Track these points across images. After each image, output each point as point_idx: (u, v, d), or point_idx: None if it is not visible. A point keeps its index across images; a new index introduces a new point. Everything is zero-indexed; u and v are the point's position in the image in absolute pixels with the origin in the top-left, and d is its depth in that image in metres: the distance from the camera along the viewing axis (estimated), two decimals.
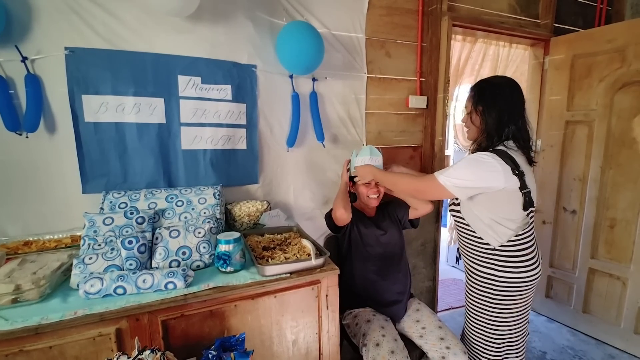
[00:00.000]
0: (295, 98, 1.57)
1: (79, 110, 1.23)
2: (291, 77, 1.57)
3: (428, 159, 1.99)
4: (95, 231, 1.07)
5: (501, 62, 2.26)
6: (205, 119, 1.40)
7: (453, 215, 1.34)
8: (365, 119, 1.82)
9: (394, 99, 1.91)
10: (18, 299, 0.81)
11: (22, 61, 1.15)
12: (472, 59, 2.23)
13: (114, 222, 1.09)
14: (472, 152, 1.21)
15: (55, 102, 1.21)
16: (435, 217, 2.03)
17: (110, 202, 1.20)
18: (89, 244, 1.01)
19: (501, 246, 1.19)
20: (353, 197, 1.56)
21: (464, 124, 1.31)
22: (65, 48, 1.18)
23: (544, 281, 2.33)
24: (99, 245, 1.01)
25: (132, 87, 1.28)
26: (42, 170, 1.23)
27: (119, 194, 1.23)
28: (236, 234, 1.01)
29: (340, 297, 1.10)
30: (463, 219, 1.27)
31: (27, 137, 1.18)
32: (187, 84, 1.36)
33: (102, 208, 1.19)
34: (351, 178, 1.52)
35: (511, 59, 2.25)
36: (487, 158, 1.10)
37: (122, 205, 1.20)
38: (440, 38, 1.88)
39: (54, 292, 0.88)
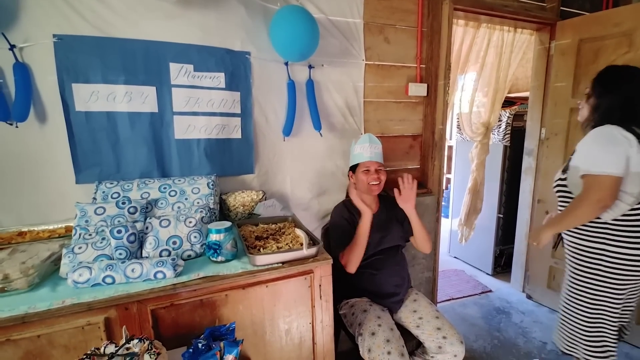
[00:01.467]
0: (291, 86, 1.53)
1: (70, 100, 1.21)
2: (286, 64, 1.53)
3: (428, 148, 1.96)
4: (86, 221, 1.06)
5: (506, 48, 2.19)
6: (199, 108, 1.38)
7: (559, 191, 1.29)
8: (363, 108, 1.78)
9: (393, 87, 1.86)
10: (5, 289, 0.80)
11: (10, 49, 1.12)
12: (477, 45, 2.17)
13: (105, 212, 1.08)
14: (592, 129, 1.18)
15: (45, 91, 1.19)
16: (435, 207, 2.00)
17: (103, 192, 1.19)
18: (80, 234, 1.01)
19: (614, 220, 1.14)
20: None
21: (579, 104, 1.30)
22: (54, 35, 1.16)
23: (545, 272, 2.30)
24: (90, 235, 1.00)
25: (123, 75, 1.25)
26: (34, 160, 1.22)
27: (111, 184, 1.22)
28: (227, 224, 1.00)
29: (336, 287, 1.08)
30: (570, 192, 1.22)
31: (16, 127, 1.17)
32: (179, 72, 1.33)
33: (94, 198, 1.18)
34: (351, 168, 1.49)
35: (516, 45, 2.18)
36: (614, 130, 1.09)
37: (115, 195, 1.19)
38: (442, 23, 1.82)
39: (43, 281, 0.87)
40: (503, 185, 2.69)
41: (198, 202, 1.24)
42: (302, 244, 1.05)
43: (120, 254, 0.92)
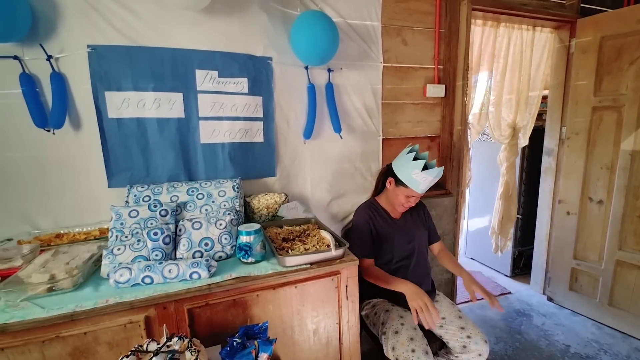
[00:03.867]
0: (311, 89, 1.56)
1: (103, 107, 1.26)
2: (306, 68, 1.56)
3: (446, 149, 1.95)
4: (121, 223, 1.10)
5: (526, 46, 2.15)
6: (223, 113, 1.41)
7: None
8: (381, 109, 1.79)
9: (411, 88, 1.87)
10: (53, 288, 0.85)
11: (47, 59, 1.18)
12: (496, 45, 2.13)
13: (139, 215, 1.12)
14: None
15: (79, 99, 1.25)
16: (454, 208, 1.99)
17: (135, 195, 1.24)
18: (116, 236, 1.05)
19: None
20: (381, 189, 1.53)
21: None
22: (88, 46, 1.21)
23: (567, 273, 2.27)
24: (126, 237, 1.04)
25: (152, 82, 1.30)
26: (69, 165, 1.28)
27: (142, 187, 1.26)
28: (257, 226, 1.02)
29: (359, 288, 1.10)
30: None
31: (53, 134, 1.22)
32: (204, 78, 1.37)
33: (127, 201, 1.23)
34: (395, 178, 1.39)
35: (537, 44, 2.15)
36: None
37: (146, 199, 1.23)
38: (460, 23, 1.82)
39: (86, 281, 0.92)
40: (521, 185, 2.65)
41: (224, 205, 1.27)
42: (328, 246, 1.07)
43: (156, 255, 0.96)
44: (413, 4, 1.79)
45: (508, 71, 2.07)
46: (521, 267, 2.81)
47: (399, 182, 1.39)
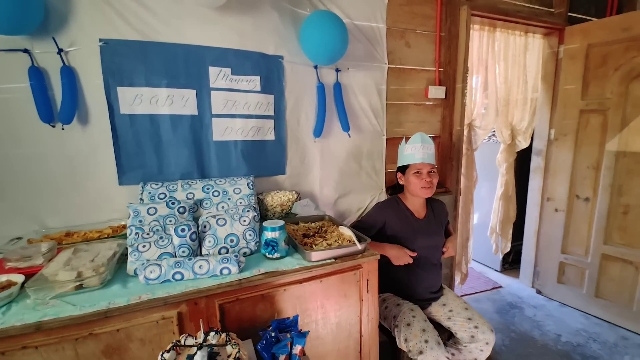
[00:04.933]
0: (321, 89, 1.58)
1: (115, 102, 1.24)
2: (316, 67, 1.58)
3: (447, 149, 2.02)
4: (140, 221, 1.09)
5: (520, 51, 2.24)
6: (236, 110, 1.42)
7: None
8: (385, 110, 1.84)
9: (414, 90, 1.93)
10: (83, 285, 0.83)
11: (58, 53, 1.15)
12: (494, 49, 2.21)
13: (157, 212, 1.11)
14: None
15: (90, 94, 1.22)
16: (453, 205, 2.07)
17: (149, 192, 1.22)
18: (137, 233, 1.03)
19: None
20: (400, 188, 1.55)
21: None
22: (100, 40, 1.19)
23: (555, 267, 2.39)
24: (148, 234, 1.03)
25: (165, 78, 1.29)
26: (77, 162, 1.24)
27: (157, 185, 1.25)
28: (281, 222, 1.04)
29: None
30: None
31: (62, 129, 1.19)
32: (217, 75, 1.37)
33: (141, 199, 1.21)
34: (399, 168, 1.49)
35: (531, 49, 2.25)
36: None
37: (162, 196, 1.22)
38: (459, 27, 1.89)
39: (112, 279, 0.90)
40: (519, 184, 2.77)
41: (240, 202, 1.28)
42: (349, 241, 1.10)
43: (183, 251, 0.95)
44: (416, 7, 1.85)
45: (503, 74, 2.16)
46: (510, 262, 2.93)
47: (403, 169, 1.46)
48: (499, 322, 2.16)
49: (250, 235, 1.06)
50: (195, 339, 0.79)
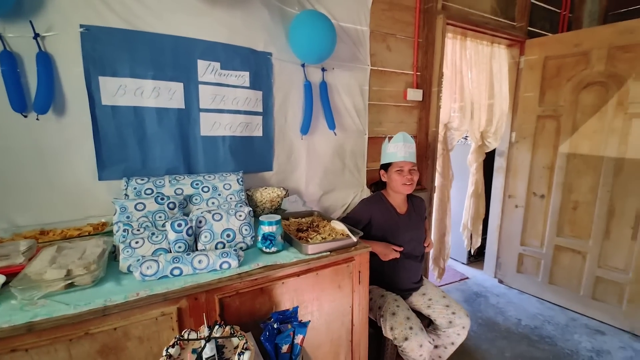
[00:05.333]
0: (308, 87, 1.61)
1: (96, 93, 1.17)
2: (303, 65, 1.60)
3: (423, 149, 2.14)
4: (128, 217, 1.05)
5: (486, 59, 2.42)
6: (224, 105, 1.40)
7: None
8: (367, 110, 1.90)
9: (393, 91, 2.02)
10: (75, 283, 0.79)
11: (34, 38, 1.07)
12: (465, 56, 2.36)
13: (146, 208, 1.08)
14: None
15: (69, 83, 1.14)
16: (429, 202, 2.19)
17: (135, 188, 1.17)
18: (125, 230, 0.99)
19: None
20: (383, 185, 1.62)
21: None
22: (81, 26, 1.12)
23: (515, 258, 2.62)
24: (138, 230, 0.99)
25: (151, 70, 1.24)
26: (52, 155, 1.16)
27: (142, 180, 1.20)
28: (277, 217, 1.05)
29: None
30: None
31: (37, 119, 1.11)
32: (206, 69, 1.34)
33: (126, 194, 1.16)
34: (382, 166, 1.58)
35: (497, 58, 2.43)
36: None
37: (148, 192, 1.17)
38: (436, 35, 2.01)
39: (104, 276, 0.87)
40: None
41: (231, 198, 1.27)
42: (342, 234, 1.14)
43: (179, 247, 0.94)
44: (397, 13, 1.94)
45: (476, 80, 2.32)
46: (475, 255, 3.16)
47: (385, 167, 1.54)
48: (468, 310, 2.32)
49: (246, 230, 1.06)
50: (198, 333, 0.78)
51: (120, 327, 0.77)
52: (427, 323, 1.54)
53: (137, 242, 0.92)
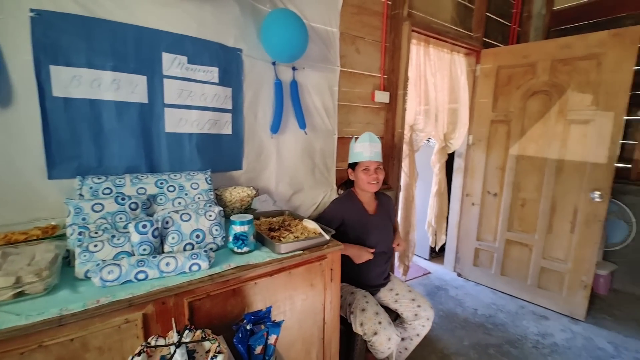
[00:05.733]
0: (279, 85, 1.60)
1: (46, 83, 1.07)
2: (274, 64, 1.59)
3: (389, 149, 2.22)
4: (84, 218, 0.97)
5: (446, 65, 2.57)
6: (192, 101, 1.34)
7: None
8: (337, 110, 1.93)
9: (362, 93, 2.07)
10: (25, 292, 0.72)
11: None
12: (427, 62, 2.49)
13: (104, 209, 1.00)
14: None
15: (15, 72, 1.03)
16: (395, 200, 2.27)
17: (91, 187, 1.09)
18: (81, 232, 0.92)
19: None
20: (351, 184, 1.65)
21: None
22: (31, 10, 1.02)
23: (471, 253, 2.82)
24: (96, 232, 0.92)
25: (111, 60, 1.16)
26: None
27: (99, 179, 1.11)
28: (249, 216, 1.04)
29: None
30: None
31: None
32: (172, 63, 1.28)
33: (81, 194, 1.07)
34: (350, 165, 1.61)
35: (459, 66, 2.58)
36: None
37: (107, 191, 1.09)
38: (402, 40, 2.09)
39: (58, 283, 0.79)
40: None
41: (199, 198, 1.23)
42: (315, 232, 1.15)
43: (144, 249, 0.88)
44: (365, 17, 1.99)
45: (440, 84, 2.44)
46: (437, 251, 3.33)
47: (353, 165, 1.59)
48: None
49: (216, 230, 1.03)
50: (167, 339, 0.75)
51: (78, 338, 0.72)
52: (395, 317, 1.60)
53: (95, 246, 0.85)
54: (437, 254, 3.33)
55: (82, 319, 0.71)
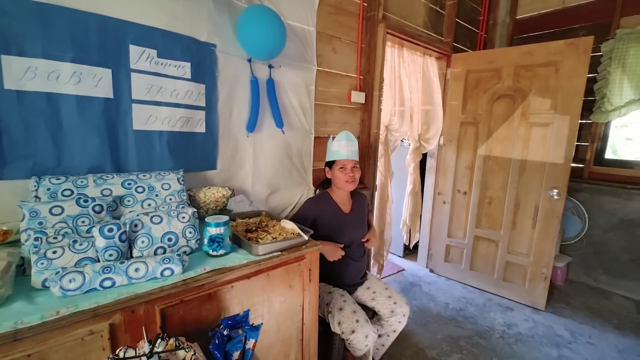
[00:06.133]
0: (255, 83, 1.56)
1: None
2: (250, 61, 1.55)
3: (365, 149, 2.24)
4: (40, 223, 0.89)
5: (419, 68, 2.65)
6: (162, 98, 1.28)
7: None
8: (314, 109, 1.93)
9: (338, 93, 2.08)
10: None
11: None
12: (402, 64, 2.54)
13: (64, 212, 0.93)
14: None
15: None
16: (370, 199, 2.31)
17: (48, 189, 1.00)
18: (37, 238, 0.84)
19: None
20: (328, 182, 1.65)
21: None
22: None
23: (443, 249, 2.92)
24: (55, 238, 0.85)
25: (71, 51, 1.07)
26: None
27: (58, 179, 1.03)
28: (225, 217, 1.00)
29: None
30: None
31: None
32: (140, 56, 1.21)
33: (37, 197, 0.98)
34: (327, 163, 1.60)
35: (429, 68, 2.66)
36: None
37: (67, 193, 1.01)
38: (377, 42, 2.12)
39: (12, 294, 0.72)
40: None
41: (170, 199, 1.17)
42: (293, 233, 1.13)
43: (110, 255, 0.82)
44: (342, 18, 2.00)
45: (415, 86, 2.50)
46: (411, 248, 3.43)
47: (330, 164, 1.59)
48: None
49: (190, 232, 0.98)
50: (137, 349, 0.70)
51: (36, 353, 0.65)
52: (372, 314, 1.62)
53: (54, 252, 0.78)
54: (410, 251, 3.43)
55: (40, 333, 0.65)
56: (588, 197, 2.82)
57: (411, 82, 2.47)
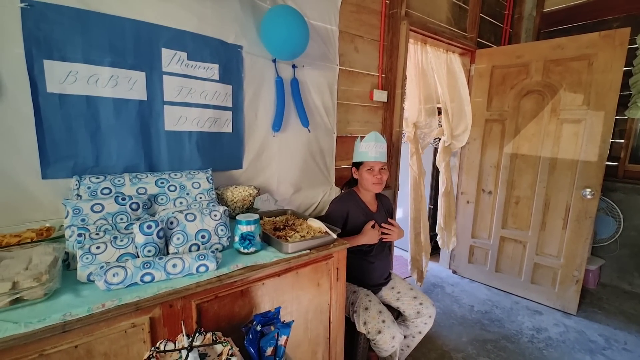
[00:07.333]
0: (280, 83, 1.58)
1: (40, 78, 1.02)
2: (274, 61, 1.57)
3: (387, 148, 2.21)
4: (83, 220, 0.93)
5: (445, 65, 2.58)
6: (191, 99, 1.31)
7: None
8: (336, 108, 1.92)
9: (360, 92, 2.06)
10: (24, 298, 0.68)
11: None
12: (426, 61, 2.49)
13: (104, 209, 0.97)
14: None
15: (5, 66, 0.98)
16: (392, 199, 2.28)
17: (89, 187, 1.05)
18: (81, 234, 0.88)
19: None
20: (355, 182, 1.64)
21: None
22: (22, 0, 0.97)
23: (467, 250, 2.85)
24: (97, 234, 0.88)
25: (109, 56, 1.12)
26: None
27: (97, 178, 1.07)
28: (255, 215, 1.01)
29: None
30: None
31: None
32: (171, 59, 1.24)
33: (79, 195, 1.03)
34: (355, 164, 1.60)
35: (454, 65, 2.59)
36: None
37: (106, 191, 1.06)
38: (399, 40, 2.10)
39: (60, 288, 0.76)
40: (432, 180, 3.20)
41: (200, 197, 1.20)
42: (320, 232, 1.14)
43: (149, 251, 0.85)
44: (364, 16, 1.98)
45: (445, 82, 2.45)
46: (433, 248, 3.36)
47: (357, 165, 1.58)
48: None
49: (222, 230, 1.00)
50: (176, 343, 0.72)
51: (82, 344, 0.68)
52: (396, 315, 1.60)
53: (97, 248, 0.82)
54: (433, 251, 3.36)
55: (87, 324, 0.67)
56: (623, 196, 2.68)
57: (437, 78, 2.42)
